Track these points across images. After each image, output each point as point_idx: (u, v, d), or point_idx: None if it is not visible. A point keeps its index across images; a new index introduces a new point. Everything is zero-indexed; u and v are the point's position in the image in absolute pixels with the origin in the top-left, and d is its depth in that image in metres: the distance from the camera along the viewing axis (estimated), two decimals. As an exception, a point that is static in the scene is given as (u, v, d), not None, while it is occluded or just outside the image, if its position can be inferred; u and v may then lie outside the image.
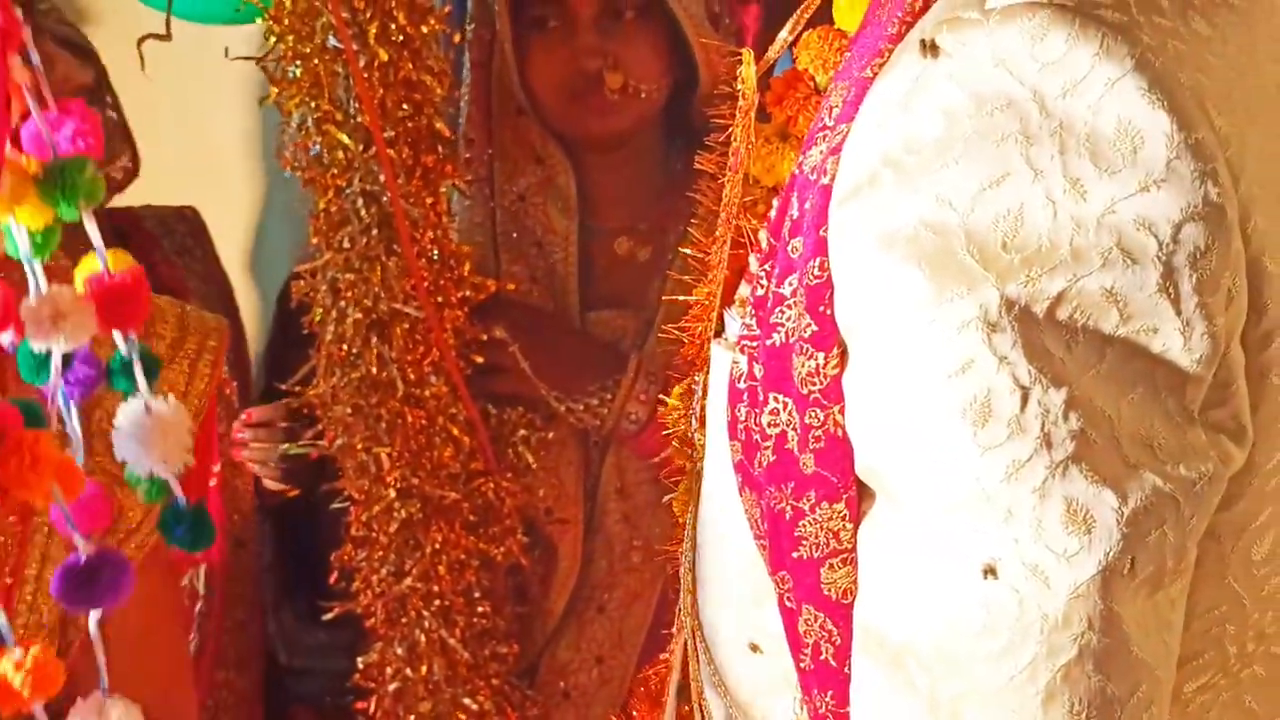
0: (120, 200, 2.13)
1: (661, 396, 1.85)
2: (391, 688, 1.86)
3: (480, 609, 1.87)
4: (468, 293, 1.86)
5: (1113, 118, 0.89)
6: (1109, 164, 0.89)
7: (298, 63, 1.79)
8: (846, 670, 0.99)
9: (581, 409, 1.90)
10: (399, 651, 1.85)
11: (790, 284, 0.99)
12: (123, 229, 2.07)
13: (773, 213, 1.09)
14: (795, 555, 1.00)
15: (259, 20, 1.82)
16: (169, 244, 2.15)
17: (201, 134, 2.71)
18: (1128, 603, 0.88)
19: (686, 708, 1.26)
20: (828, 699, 1.00)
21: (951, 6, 0.95)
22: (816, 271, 0.97)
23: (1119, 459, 0.89)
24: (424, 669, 1.84)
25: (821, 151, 0.99)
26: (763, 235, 1.12)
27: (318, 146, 1.82)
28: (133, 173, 2.07)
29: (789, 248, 1.00)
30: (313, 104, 1.80)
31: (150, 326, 1.50)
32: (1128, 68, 0.89)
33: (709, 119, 1.37)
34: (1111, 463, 0.89)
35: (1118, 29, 0.90)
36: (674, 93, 1.99)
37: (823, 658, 1.00)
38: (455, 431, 1.84)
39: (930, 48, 0.92)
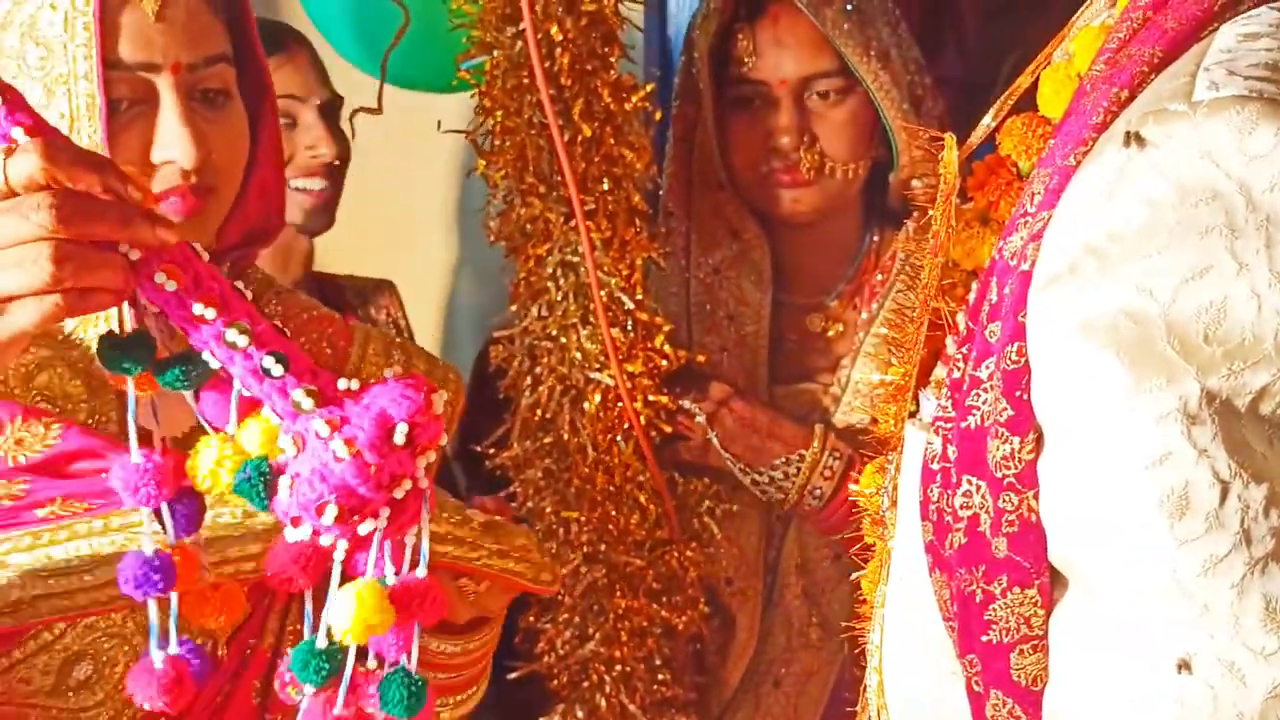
0: (323, 264, 2.21)
1: (853, 472, 1.87)
2: (571, 750, 1.88)
3: (661, 676, 1.88)
4: (662, 363, 1.89)
5: None
6: None
7: (505, 137, 1.85)
8: (1035, 758, 0.98)
9: (766, 481, 1.92)
10: (579, 715, 1.87)
11: (987, 368, 1.00)
12: (325, 293, 2.15)
13: (971, 296, 1.10)
14: (985, 639, 1.00)
15: (468, 94, 1.89)
16: (362, 314, 2.22)
17: (402, 201, 2.80)
18: (1326, 704, 0.87)
19: (868, 787, 1.26)
20: (1014, 786, 1.00)
21: (1158, 98, 0.95)
22: (1014, 356, 0.98)
23: (1320, 558, 0.88)
24: (605, 735, 1.87)
25: (1022, 238, 0.99)
26: (960, 318, 1.13)
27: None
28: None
29: (987, 332, 1.01)
30: (518, 176, 1.86)
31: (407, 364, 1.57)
32: (1337, 163, 0.89)
33: (906, 201, 1.40)
34: (1313, 561, 0.87)
35: (1328, 124, 0.90)
36: (872, 174, 2.01)
37: (1010, 744, 1.00)
38: (642, 499, 1.87)
39: (1136, 139, 0.93)
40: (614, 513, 1.85)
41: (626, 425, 1.87)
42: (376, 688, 0.99)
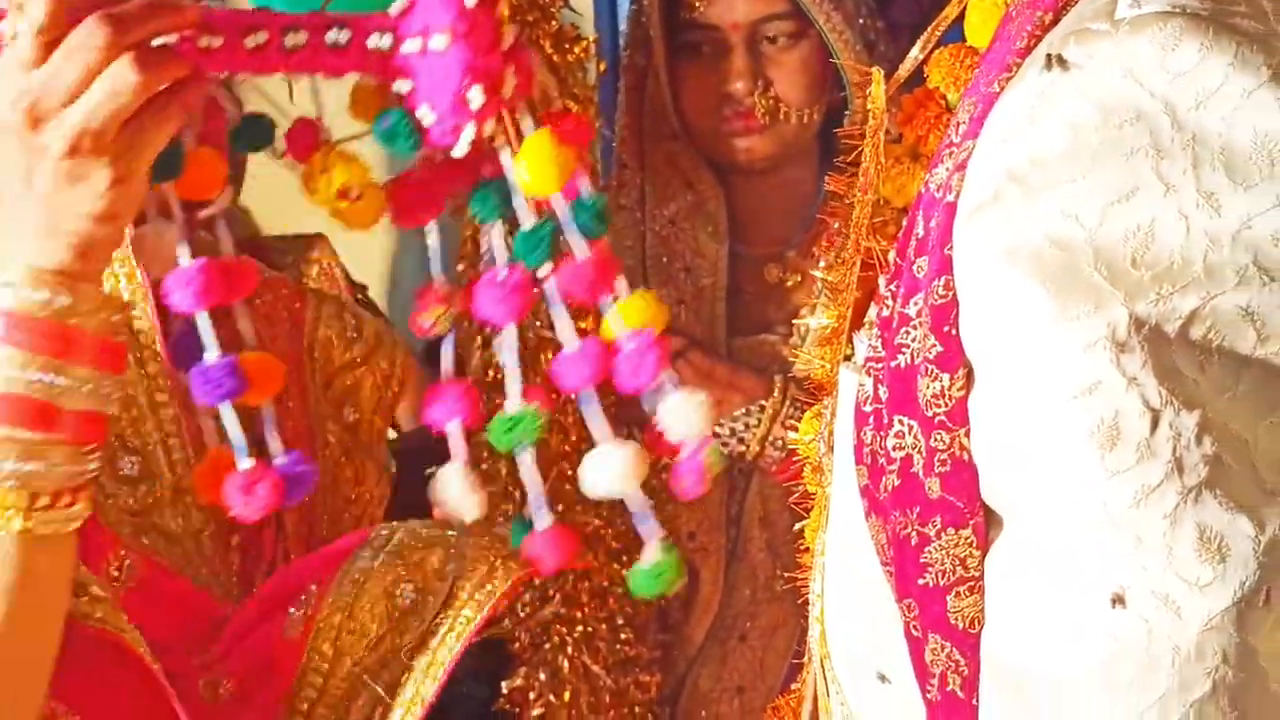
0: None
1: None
2: (535, 713, 1.86)
3: (623, 636, 1.86)
4: (612, 319, 1.86)
5: (1248, 130, 0.86)
6: (1245, 178, 0.85)
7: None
8: (974, 702, 0.96)
9: (727, 434, 1.89)
10: (542, 677, 1.85)
11: (915, 304, 0.97)
12: (257, 257, 2.11)
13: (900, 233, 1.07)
14: (921, 582, 0.98)
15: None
16: (294, 272, 2.19)
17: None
18: (1264, 636, 0.84)
19: (818, 738, 1.24)
20: (954, 731, 0.97)
21: (1080, 19, 0.92)
22: (941, 290, 0.95)
23: (1255, 485, 0.85)
24: (567, 695, 1.84)
25: (948, 169, 0.97)
26: (892, 256, 1.10)
27: None
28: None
29: (914, 267, 0.98)
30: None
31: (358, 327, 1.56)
32: (1264, 78, 0.86)
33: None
34: (1247, 489, 0.85)
35: (1254, 38, 0.87)
36: (827, 120, 1.98)
37: (950, 688, 0.98)
38: (598, 457, 1.84)
39: (1057, 60, 0.90)
40: (570, 472, 1.82)
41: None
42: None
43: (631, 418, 1.89)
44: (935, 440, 0.96)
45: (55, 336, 1.02)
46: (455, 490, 1.13)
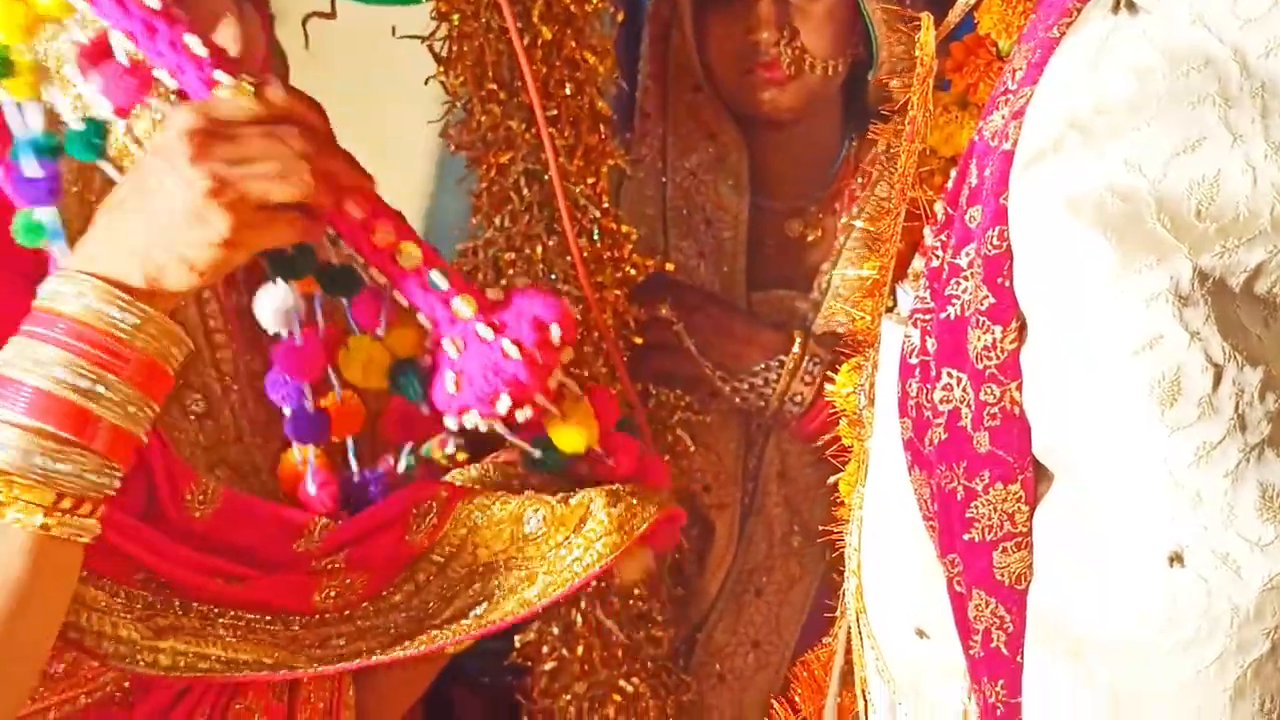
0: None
1: (829, 374, 1.82)
2: (547, 667, 1.84)
3: (636, 591, 1.84)
4: (630, 272, 1.84)
5: None
6: None
7: (463, 43, 1.78)
8: (1019, 659, 0.94)
9: (746, 388, 1.87)
10: (555, 631, 1.83)
11: (967, 254, 0.95)
12: None
13: (950, 183, 1.05)
14: (966, 538, 0.96)
15: (426, 1, 1.82)
16: None
17: (376, 114, 2.72)
18: (1327, 597, 0.83)
19: (849, 694, 1.23)
20: (998, 689, 0.96)
21: (1146, -38, 0.90)
22: (995, 241, 0.93)
23: (1320, 443, 0.83)
24: (580, 649, 1.83)
25: (1004, 116, 0.94)
26: (939, 206, 1.08)
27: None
28: None
29: (966, 217, 0.96)
30: (477, 83, 1.79)
31: None
32: (1339, 24, 0.84)
33: (885, 101, 1.33)
34: (1312, 447, 0.83)
35: (1328, -16, 0.84)
36: (851, 74, 1.95)
37: (994, 645, 0.96)
38: (613, 411, 1.82)
39: (1126, 4, 0.87)
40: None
41: (596, 336, 1.82)
42: None
43: (646, 373, 1.88)
44: (985, 393, 0.94)
45: (109, 350, 1.05)
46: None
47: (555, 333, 1.18)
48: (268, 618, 1.18)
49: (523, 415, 1.19)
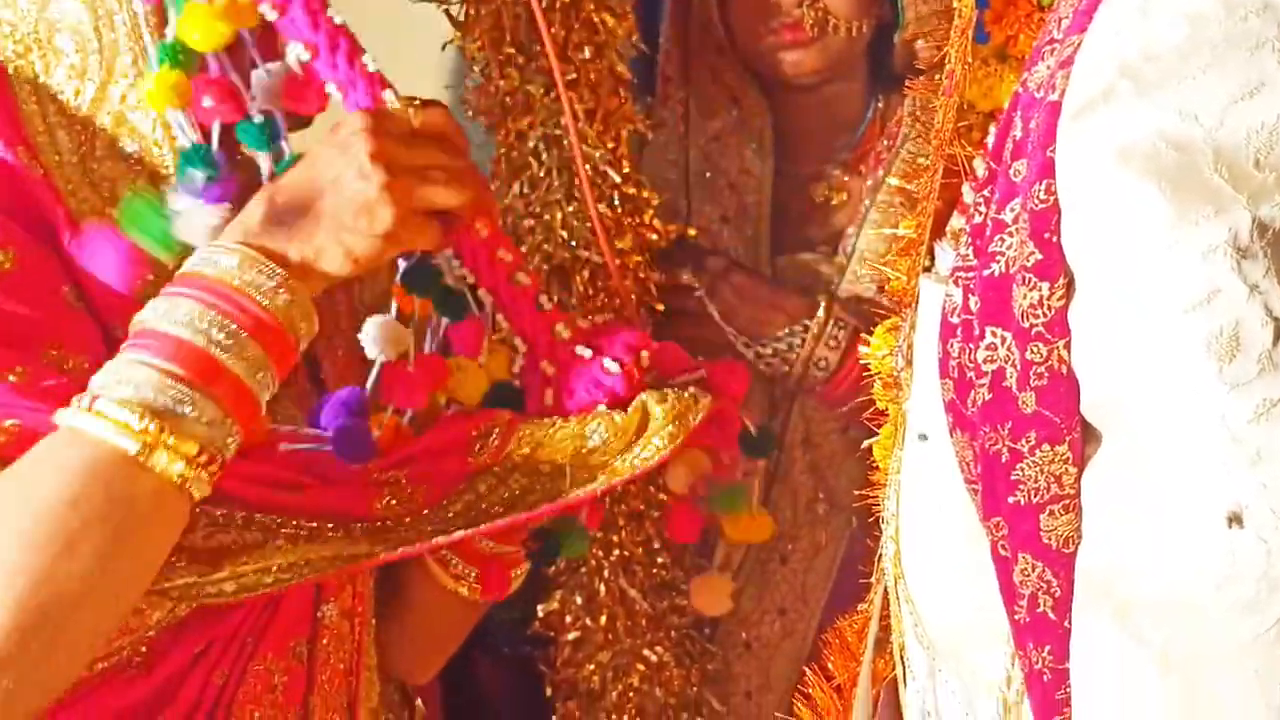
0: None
1: (855, 338, 1.80)
2: (570, 637, 1.83)
3: (660, 560, 1.82)
4: (652, 238, 1.81)
5: None
6: None
7: (481, 6, 1.75)
8: (1067, 624, 0.92)
9: (770, 354, 1.84)
10: (578, 601, 1.81)
11: (1012, 209, 0.92)
12: None
13: (991, 138, 1.02)
14: (1012, 500, 0.94)
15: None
16: None
17: (394, 80, 2.69)
18: (1390, 558, 0.80)
19: (883, 660, 1.20)
20: (1044, 654, 0.93)
21: (1199, -96, 0.87)
22: (1042, 195, 0.90)
23: (1383, 399, 0.81)
24: (603, 619, 1.81)
25: (1049, 66, 0.91)
26: (978, 163, 1.05)
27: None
28: None
29: (1010, 171, 0.93)
30: (495, 47, 1.76)
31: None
32: (1403, -34, 0.81)
33: (910, 63, 1.31)
34: (1374, 403, 0.81)
35: (1391, -76, 0.82)
36: (876, 35, 1.92)
37: (1040, 610, 0.94)
38: (636, 379, 1.79)
39: (1177, -52, 0.85)
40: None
41: (617, 302, 1.79)
42: None
43: (669, 339, 1.85)
44: (1031, 352, 0.91)
45: (244, 309, 1.10)
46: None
47: (645, 356, 1.31)
48: (330, 524, 1.19)
49: None
